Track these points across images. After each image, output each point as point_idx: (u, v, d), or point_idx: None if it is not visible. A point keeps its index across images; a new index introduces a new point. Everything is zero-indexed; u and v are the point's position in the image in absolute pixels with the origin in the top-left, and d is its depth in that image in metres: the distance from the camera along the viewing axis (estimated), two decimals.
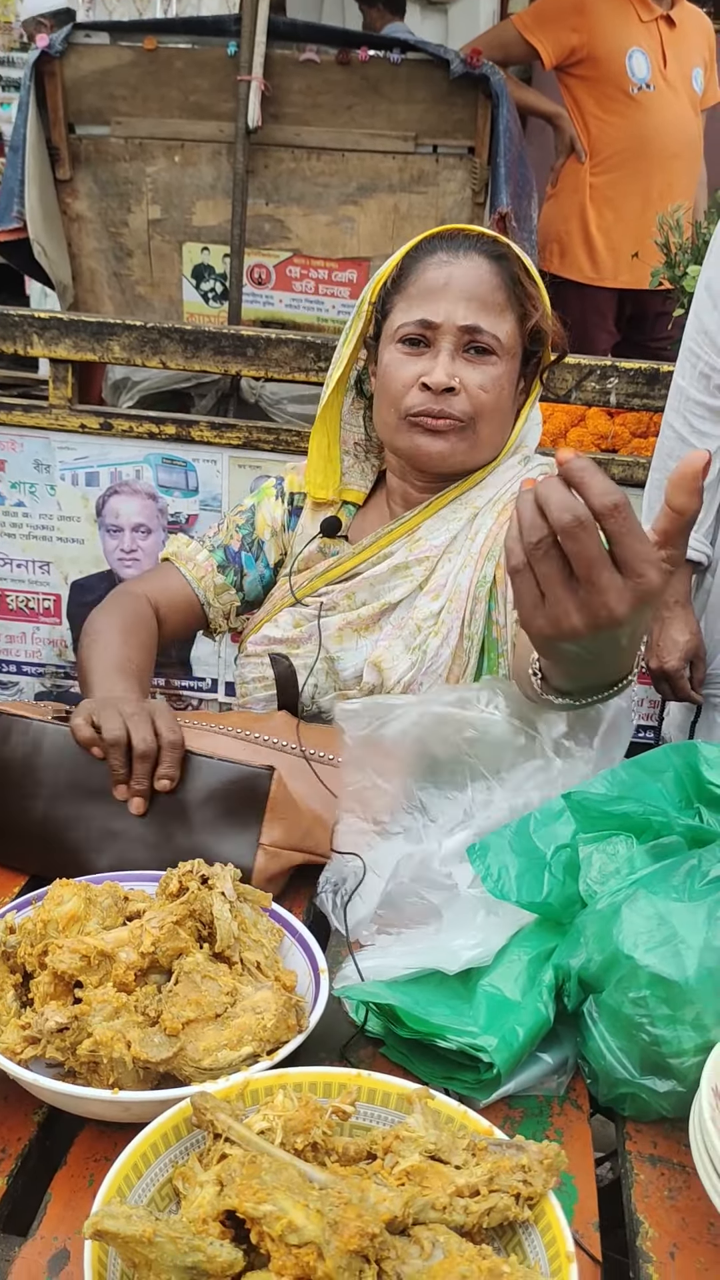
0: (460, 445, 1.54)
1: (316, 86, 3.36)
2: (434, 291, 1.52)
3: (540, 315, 1.57)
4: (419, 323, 1.52)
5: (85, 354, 2.79)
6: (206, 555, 1.75)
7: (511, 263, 1.54)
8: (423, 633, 1.55)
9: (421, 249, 1.56)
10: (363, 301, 1.62)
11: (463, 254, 1.52)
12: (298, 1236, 0.73)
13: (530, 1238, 0.83)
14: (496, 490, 1.59)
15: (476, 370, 1.51)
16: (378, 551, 1.62)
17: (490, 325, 1.51)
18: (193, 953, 1.02)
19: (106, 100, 3.42)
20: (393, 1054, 1.07)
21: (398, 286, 1.57)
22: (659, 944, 0.98)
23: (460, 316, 1.50)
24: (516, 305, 1.54)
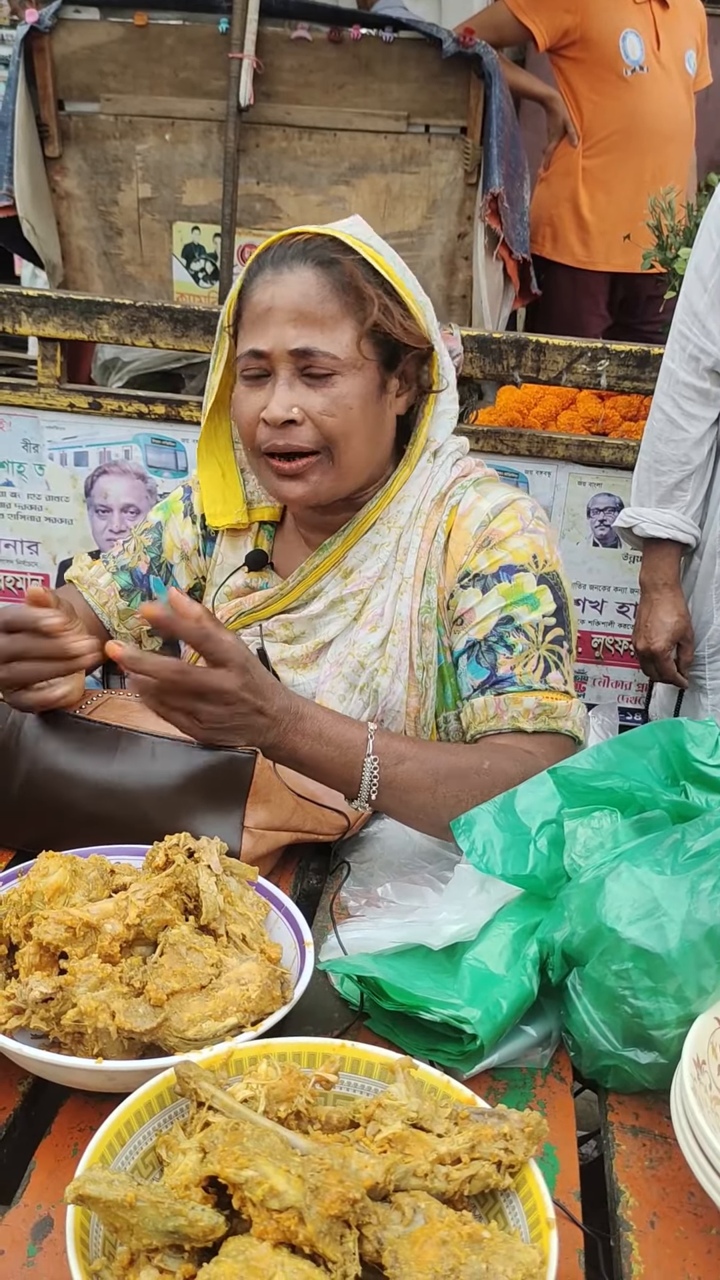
0: (323, 480, 1.43)
1: (308, 65, 3.34)
2: (261, 316, 1.40)
3: (381, 316, 1.40)
4: (251, 354, 1.41)
5: (74, 333, 2.77)
6: (109, 579, 1.64)
7: (343, 265, 1.39)
8: (368, 669, 1.47)
9: (252, 268, 1.44)
10: (221, 327, 1.52)
11: (286, 268, 1.39)
12: (279, 1201, 0.73)
13: (511, 1205, 0.84)
14: (415, 500, 1.49)
15: (318, 395, 1.39)
16: (306, 589, 1.52)
17: (324, 344, 1.38)
18: (178, 925, 1.02)
19: (96, 77, 3.40)
20: (377, 1026, 1.08)
21: (239, 311, 1.46)
22: (642, 917, 0.98)
23: (289, 340, 1.38)
24: (354, 311, 1.39)
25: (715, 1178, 0.85)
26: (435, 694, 1.48)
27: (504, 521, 1.45)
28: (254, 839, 1.23)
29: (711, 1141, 0.85)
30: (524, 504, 1.48)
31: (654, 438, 2.21)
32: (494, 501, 1.47)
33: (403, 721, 1.48)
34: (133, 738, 1.24)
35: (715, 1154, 0.84)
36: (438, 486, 1.50)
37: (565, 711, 1.39)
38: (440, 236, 3.51)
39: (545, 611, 1.42)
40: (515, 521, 1.45)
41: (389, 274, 1.45)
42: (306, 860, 1.36)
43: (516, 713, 1.39)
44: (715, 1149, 0.84)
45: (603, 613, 2.93)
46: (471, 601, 1.43)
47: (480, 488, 1.50)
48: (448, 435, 1.56)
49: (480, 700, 1.41)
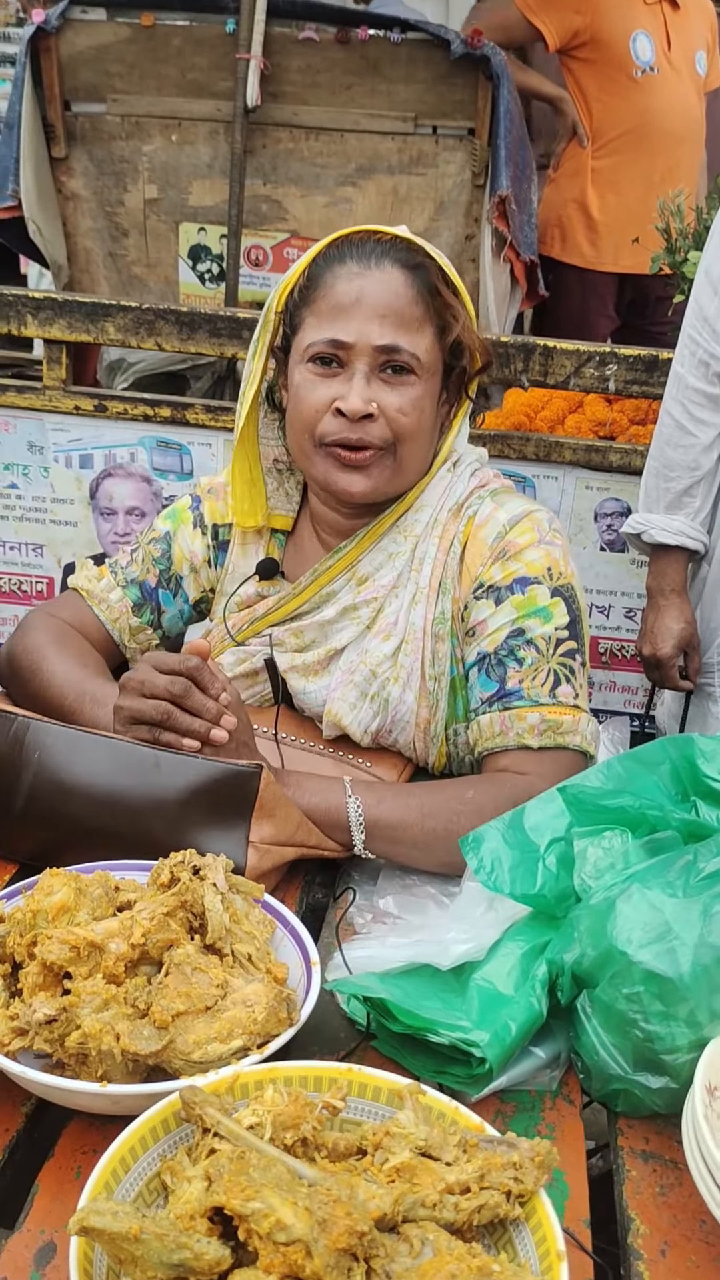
0: (383, 476, 1.43)
1: (315, 65, 3.32)
2: (345, 308, 1.39)
3: (461, 328, 1.45)
4: (330, 342, 1.40)
5: (80, 335, 2.76)
6: (120, 595, 1.61)
7: (429, 271, 1.42)
8: (379, 678, 1.46)
9: (329, 256, 1.43)
10: (269, 310, 1.49)
11: (375, 264, 1.40)
12: (286, 1234, 0.72)
13: (521, 1235, 0.83)
14: (432, 509, 1.48)
15: (395, 392, 1.40)
16: (319, 590, 1.51)
17: (408, 343, 1.40)
18: (183, 944, 1.01)
19: (103, 77, 3.38)
20: (384, 1047, 1.07)
21: (305, 298, 1.44)
22: (653, 940, 0.97)
23: (375, 336, 1.39)
24: (435, 318, 1.43)
25: None
26: (446, 706, 1.47)
27: (520, 533, 1.44)
28: (259, 854, 1.22)
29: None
30: (541, 515, 1.47)
31: (663, 443, 2.19)
32: (511, 513, 1.46)
33: (412, 732, 1.47)
34: (135, 751, 1.23)
35: None
36: (455, 496, 1.49)
37: (572, 726, 1.38)
38: (447, 238, 3.49)
39: (558, 624, 1.41)
40: (532, 533, 1.44)
41: (459, 286, 1.48)
42: (312, 875, 1.35)
43: (521, 729, 1.38)
44: None
45: (610, 618, 2.92)
46: (485, 613, 1.42)
47: (498, 498, 1.49)
48: (465, 445, 1.56)
49: (486, 718, 1.41)
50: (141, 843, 1.20)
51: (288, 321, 1.48)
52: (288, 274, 1.48)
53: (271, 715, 1.51)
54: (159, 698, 1.24)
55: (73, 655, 1.50)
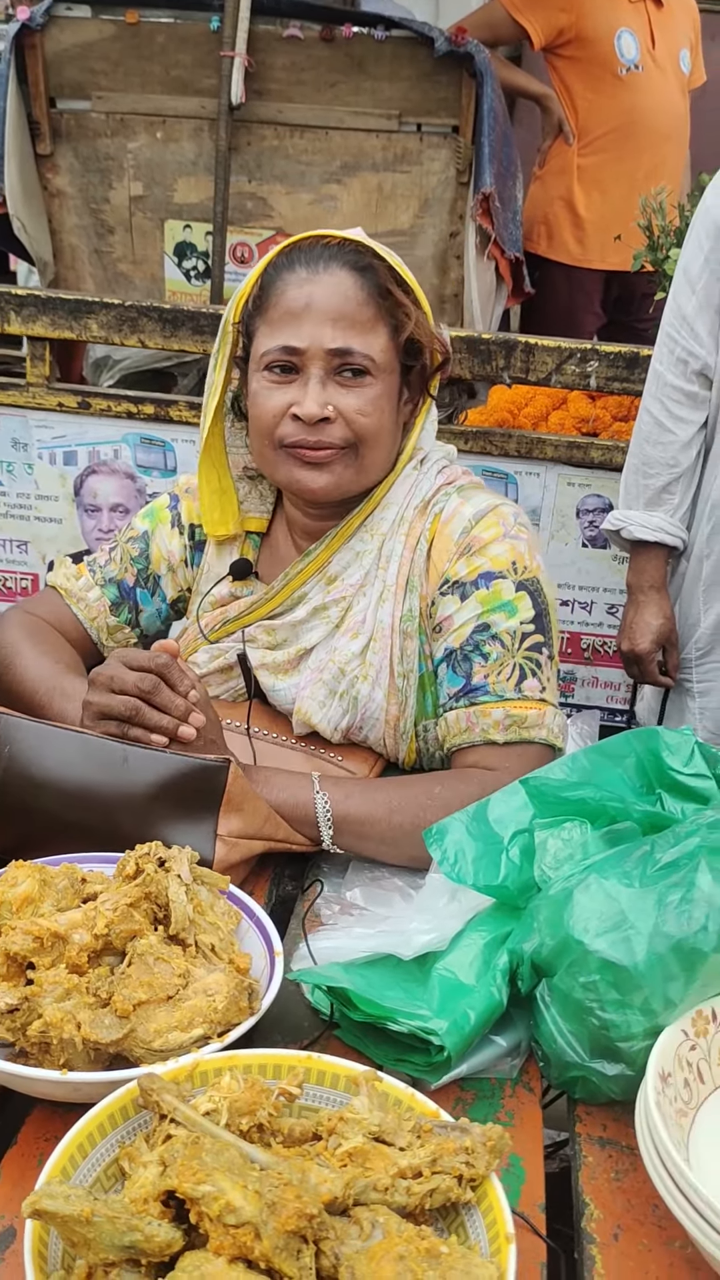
0: (346, 473, 1.44)
1: (300, 63, 3.33)
2: (296, 314, 1.40)
3: (414, 325, 1.45)
4: (283, 349, 1.41)
5: (63, 332, 2.77)
6: (98, 594, 1.63)
7: (378, 272, 1.42)
8: (348, 676, 1.47)
9: (279, 264, 1.44)
10: (225, 322, 1.50)
11: (323, 268, 1.40)
12: (235, 1217, 0.73)
13: (472, 1218, 0.84)
14: (398, 507, 1.49)
15: (352, 394, 1.41)
16: (291, 593, 1.52)
17: (361, 345, 1.40)
18: (146, 935, 1.03)
19: (88, 74, 3.39)
20: (347, 1036, 1.08)
21: (259, 307, 1.45)
22: (609, 929, 0.98)
23: (327, 339, 1.39)
24: (387, 317, 1.42)
25: (676, 1192, 0.85)
26: (415, 702, 1.48)
27: (485, 528, 1.45)
28: (227, 847, 1.23)
29: (673, 1155, 0.85)
30: (506, 510, 1.48)
31: (642, 440, 2.21)
32: (476, 508, 1.47)
33: (382, 729, 1.48)
34: (105, 745, 1.24)
35: (676, 1168, 0.84)
36: (421, 494, 1.50)
37: (538, 721, 1.39)
38: (432, 235, 3.50)
39: (523, 618, 1.42)
40: (497, 528, 1.45)
41: (412, 284, 1.48)
42: (282, 868, 1.36)
43: (487, 725, 1.39)
44: (676, 1163, 0.84)
45: (592, 614, 2.93)
46: (450, 609, 1.43)
47: (464, 494, 1.50)
48: (432, 442, 1.56)
49: (453, 714, 1.42)
50: (111, 836, 1.21)
51: (244, 332, 1.49)
52: (241, 285, 1.49)
53: (244, 710, 1.52)
54: (128, 694, 1.26)
55: (47, 651, 1.51)
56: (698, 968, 0.97)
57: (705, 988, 0.99)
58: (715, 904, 0.98)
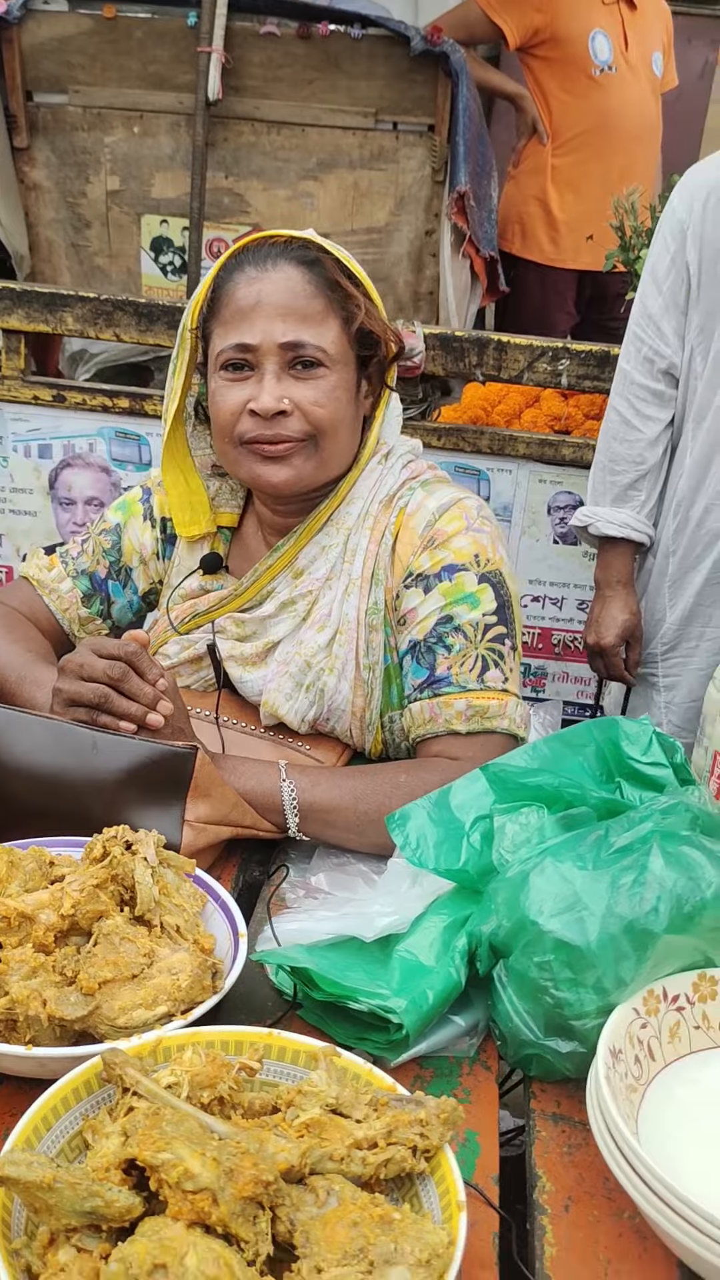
0: (306, 466, 1.46)
1: (277, 60, 3.35)
2: (246, 312, 1.42)
3: (365, 315, 1.47)
4: (236, 347, 1.43)
5: (38, 325, 2.78)
6: (70, 586, 1.65)
7: (325, 265, 1.45)
8: (314, 669, 1.49)
9: (229, 267, 1.46)
10: (183, 330, 1.53)
11: (271, 265, 1.43)
12: (193, 1183, 0.76)
13: (426, 1188, 0.87)
14: (364, 502, 1.51)
15: (307, 386, 1.43)
16: (259, 590, 1.54)
17: (312, 337, 1.42)
18: (112, 915, 1.05)
19: (64, 68, 3.40)
20: (309, 1016, 1.10)
21: (213, 310, 1.47)
22: (563, 910, 1.01)
23: (279, 333, 1.41)
24: (338, 309, 1.45)
25: (624, 1164, 0.88)
26: (381, 694, 1.50)
27: (448, 521, 1.47)
28: (194, 832, 1.25)
29: (621, 1128, 0.88)
30: (470, 503, 1.50)
31: (609, 438, 2.24)
32: (440, 501, 1.49)
33: (348, 721, 1.51)
34: (74, 732, 1.26)
35: (625, 1140, 0.87)
36: (386, 488, 1.52)
37: (499, 711, 1.42)
38: (408, 233, 3.53)
39: (485, 610, 1.44)
40: (460, 520, 1.48)
41: (361, 277, 1.50)
42: (250, 854, 1.38)
43: (450, 715, 1.42)
44: (625, 1135, 0.87)
45: (563, 609, 2.96)
46: (414, 602, 1.46)
47: (428, 488, 1.52)
48: (396, 436, 1.59)
49: (417, 705, 1.45)
50: (81, 821, 1.23)
51: (202, 337, 1.51)
52: (196, 292, 1.51)
53: (214, 700, 1.54)
54: (97, 681, 1.28)
55: (17, 640, 1.53)
56: (649, 948, 1.00)
57: (656, 967, 1.02)
58: (666, 886, 1.01)
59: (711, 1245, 0.82)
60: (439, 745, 1.43)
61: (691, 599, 2.21)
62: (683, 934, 1.01)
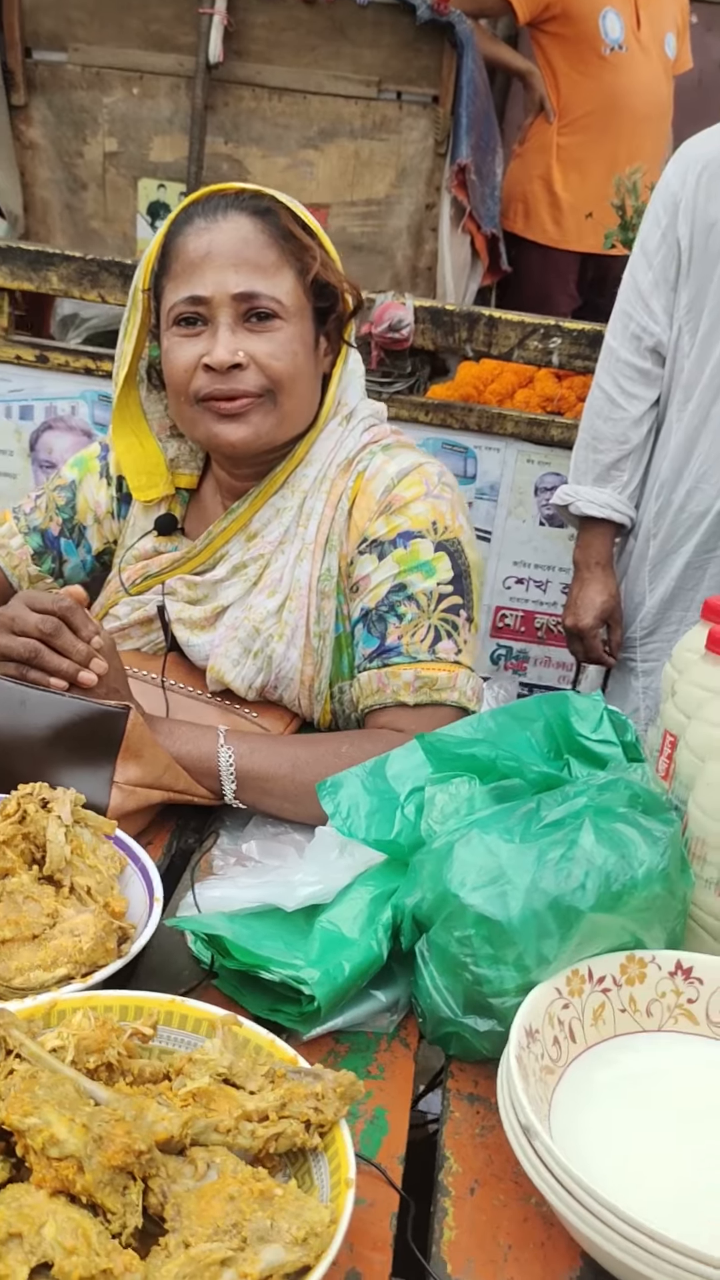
0: (265, 423, 1.41)
1: (280, 24, 3.29)
2: (197, 264, 1.37)
3: (320, 266, 1.42)
4: (188, 300, 1.38)
5: (21, 283, 2.73)
6: (21, 542, 1.61)
7: (278, 215, 1.40)
8: (263, 635, 1.45)
9: (179, 221, 1.42)
10: (135, 290, 1.47)
11: (221, 216, 1.38)
12: (59, 1150, 0.72)
13: (319, 1164, 0.83)
14: (321, 465, 1.46)
15: (262, 339, 1.38)
16: (213, 553, 1.50)
17: (266, 287, 1.37)
18: (19, 873, 1.01)
19: (64, 25, 3.34)
20: (225, 986, 1.06)
21: (164, 267, 1.42)
22: (486, 884, 0.97)
23: (231, 284, 1.36)
24: (293, 260, 1.40)
25: (528, 1147, 0.84)
26: (331, 663, 1.46)
27: (407, 486, 1.43)
28: (124, 795, 1.22)
29: (525, 1109, 0.84)
30: (430, 469, 1.46)
31: (593, 415, 2.19)
32: (400, 465, 1.44)
33: (296, 689, 1.47)
34: (2, 686, 1.22)
35: (529, 1123, 0.83)
36: (346, 451, 1.47)
37: (449, 683, 1.37)
38: (408, 206, 3.48)
39: (441, 579, 1.40)
40: (420, 486, 1.43)
41: (315, 228, 1.44)
42: (185, 820, 1.35)
43: (397, 686, 1.37)
44: (529, 1118, 0.83)
45: (546, 593, 2.92)
46: (368, 568, 1.41)
47: (389, 452, 1.47)
48: (360, 398, 1.54)
49: (366, 675, 1.40)
50: (6, 779, 1.19)
51: (154, 297, 1.46)
52: (146, 251, 1.46)
53: (160, 662, 1.50)
54: (29, 635, 1.23)
55: None
56: (574, 926, 0.96)
57: (581, 947, 0.98)
58: (595, 863, 0.97)
59: (613, 1236, 0.78)
60: (386, 716, 1.39)
61: (672, 583, 2.17)
62: (610, 913, 0.97)
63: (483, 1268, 0.84)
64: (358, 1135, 0.94)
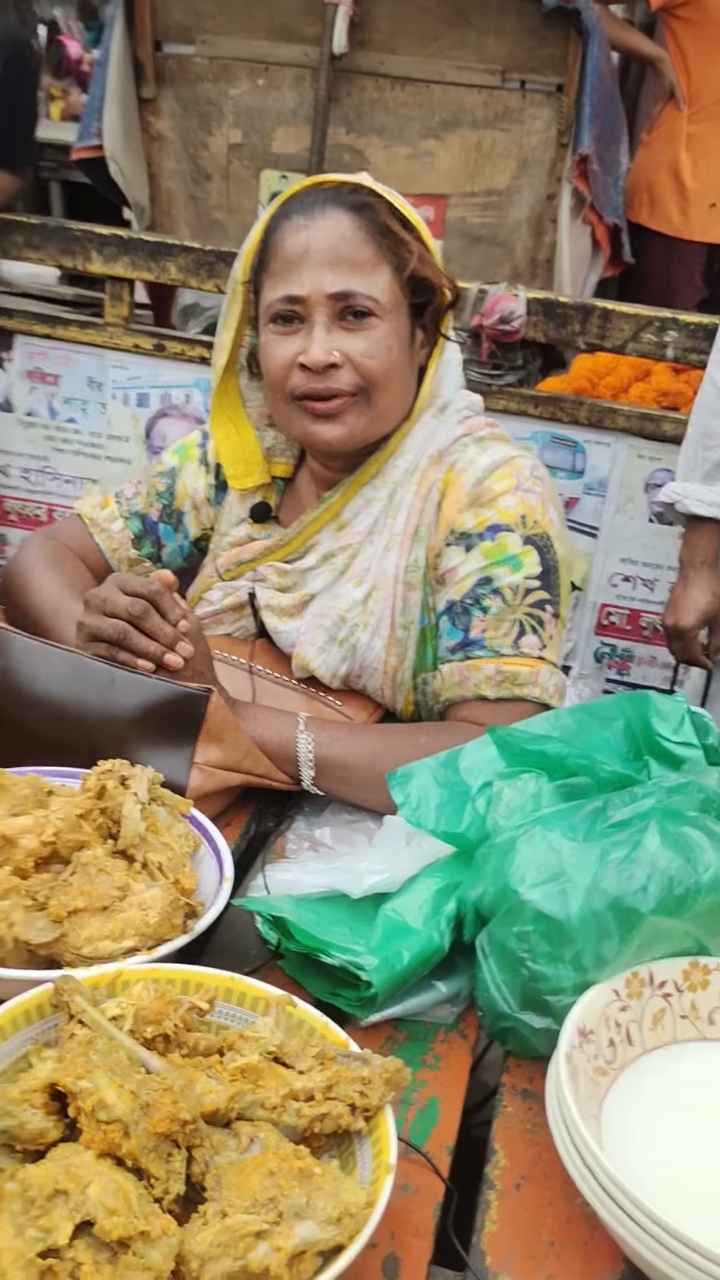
0: (359, 422, 1.42)
1: (404, 13, 3.29)
2: (294, 262, 1.38)
3: (417, 261, 1.42)
4: (285, 299, 1.39)
5: (141, 273, 2.80)
6: (121, 526, 1.64)
7: (377, 210, 1.40)
8: (348, 624, 1.46)
9: (278, 216, 1.42)
10: (234, 282, 1.50)
11: (319, 212, 1.39)
12: (107, 1113, 0.75)
13: (362, 1148, 0.84)
14: (413, 456, 1.47)
15: (358, 337, 1.38)
16: (304, 541, 1.52)
17: (363, 286, 1.38)
18: (94, 846, 1.04)
19: (193, 18, 3.40)
20: (289, 967, 1.09)
21: (263, 262, 1.44)
22: (545, 880, 0.97)
23: (327, 284, 1.37)
24: (390, 256, 1.40)
25: (572, 1149, 0.84)
26: (415, 654, 1.47)
27: (498, 479, 1.42)
28: (203, 776, 1.24)
29: (570, 1108, 0.84)
30: (523, 462, 1.45)
31: (704, 411, 2.15)
32: (491, 458, 1.44)
33: (380, 679, 1.48)
34: (92, 666, 1.26)
35: (573, 1123, 0.83)
36: (438, 444, 1.48)
37: (531, 678, 1.37)
38: (529, 197, 3.44)
39: (528, 574, 1.39)
40: (510, 480, 1.42)
41: (415, 221, 1.45)
42: (265, 804, 1.37)
43: (479, 680, 1.37)
44: (574, 1119, 0.83)
45: (654, 592, 2.86)
46: (455, 560, 1.42)
47: (482, 445, 1.47)
48: (456, 390, 1.54)
49: (448, 667, 1.41)
50: (91, 755, 1.22)
51: (254, 290, 1.48)
52: (246, 242, 1.48)
53: (249, 648, 1.53)
54: (119, 617, 1.27)
55: (61, 575, 1.54)
56: (634, 928, 0.95)
57: (642, 950, 0.97)
58: (659, 866, 0.96)
59: (653, 1245, 0.77)
60: (466, 710, 1.39)
61: None
62: (673, 917, 0.96)
63: (523, 1263, 0.84)
64: (409, 1123, 0.95)
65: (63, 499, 3.07)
